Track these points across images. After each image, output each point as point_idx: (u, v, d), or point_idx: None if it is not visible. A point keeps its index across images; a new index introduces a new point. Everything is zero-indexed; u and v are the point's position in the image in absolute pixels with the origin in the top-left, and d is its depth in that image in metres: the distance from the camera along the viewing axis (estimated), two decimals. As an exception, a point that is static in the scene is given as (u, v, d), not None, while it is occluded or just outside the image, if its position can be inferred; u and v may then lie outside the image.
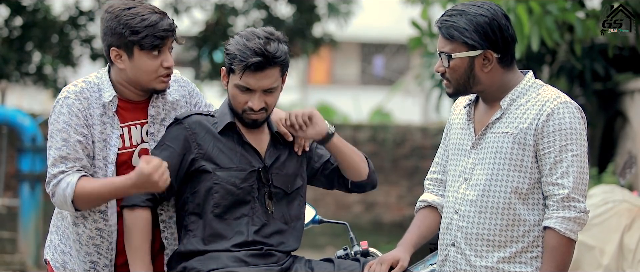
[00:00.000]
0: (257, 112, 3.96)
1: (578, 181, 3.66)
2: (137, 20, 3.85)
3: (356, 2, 14.80)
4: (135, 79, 3.94)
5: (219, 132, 4.00)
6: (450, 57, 3.72)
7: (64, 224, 4.06)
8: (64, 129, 3.89)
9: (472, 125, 3.84)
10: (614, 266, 6.30)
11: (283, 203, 4.07)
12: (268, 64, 3.90)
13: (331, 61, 26.60)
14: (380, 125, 15.06)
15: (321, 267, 4.04)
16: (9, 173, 12.42)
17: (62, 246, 4.06)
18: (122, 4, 3.91)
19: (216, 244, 3.96)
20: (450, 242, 3.83)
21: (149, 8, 3.91)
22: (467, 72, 3.73)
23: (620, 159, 10.00)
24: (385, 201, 14.39)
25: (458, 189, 3.82)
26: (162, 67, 3.92)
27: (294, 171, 4.11)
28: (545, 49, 9.57)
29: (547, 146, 3.67)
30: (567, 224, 3.65)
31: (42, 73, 13.28)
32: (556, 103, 3.69)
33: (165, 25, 3.89)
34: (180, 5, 14.18)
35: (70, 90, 3.94)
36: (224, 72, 4.01)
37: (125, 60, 3.91)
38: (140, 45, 3.87)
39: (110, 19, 3.89)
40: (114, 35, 3.89)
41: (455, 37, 3.70)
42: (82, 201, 3.84)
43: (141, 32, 3.85)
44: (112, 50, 3.92)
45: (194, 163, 3.97)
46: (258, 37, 3.91)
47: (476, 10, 3.71)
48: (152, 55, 3.90)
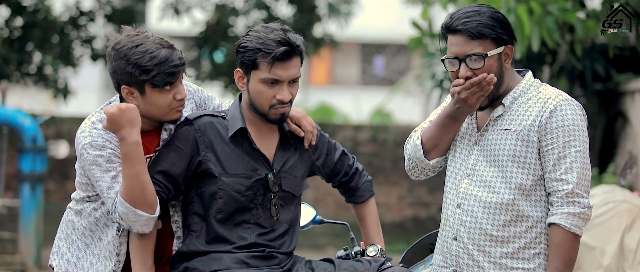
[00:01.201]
0: (286, 104, 3.94)
1: (581, 177, 3.68)
2: (147, 58, 3.80)
3: (356, 2, 14.80)
4: (149, 114, 3.90)
5: (229, 137, 3.98)
6: (485, 56, 3.69)
7: (76, 234, 4.04)
8: (108, 168, 3.84)
9: (474, 122, 3.85)
10: (615, 266, 6.30)
11: (289, 206, 4.07)
12: (293, 52, 3.90)
13: (332, 61, 26.60)
14: (380, 126, 15.06)
15: (321, 268, 4.04)
16: (9, 173, 12.41)
17: (69, 255, 4.04)
18: (128, 41, 3.84)
19: (218, 245, 3.95)
20: (452, 236, 3.83)
21: (157, 42, 3.85)
22: (500, 70, 3.73)
23: (621, 160, 10.00)
24: (385, 202, 14.38)
25: (459, 184, 3.83)
26: (175, 100, 3.89)
27: (303, 173, 4.12)
28: (546, 50, 9.57)
29: (550, 142, 3.69)
30: (572, 219, 3.65)
31: (42, 73, 13.28)
32: (558, 100, 3.72)
33: (175, 59, 3.84)
34: (180, 5, 14.18)
35: (93, 134, 3.88)
36: (240, 73, 3.97)
37: (137, 97, 3.87)
38: (153, 84, 3.83)
39: (118, 57, 3.84)
40: (123, 74, 3.84)
41: (487, 35, 3.68)
42: (130, 198, 3.80)
43: (152, 71, 3.81)
44: (123, 88, 3.87)
45: (201, 165, 3.96)
46: (276, 30, 3.91)
47: (488, 9, 3.73)
48: (165, 91, 3.86)
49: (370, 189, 4.32)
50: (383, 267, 4.00)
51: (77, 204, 4.04)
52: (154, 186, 3.86)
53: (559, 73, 10.08)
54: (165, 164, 3.92)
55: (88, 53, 13.55)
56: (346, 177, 4.27)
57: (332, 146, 4.23)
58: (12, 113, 11.08)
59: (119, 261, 3.96)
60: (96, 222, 3.98)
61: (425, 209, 14.47)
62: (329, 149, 4.21)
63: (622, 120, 10.47)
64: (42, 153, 10.74)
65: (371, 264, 4.02)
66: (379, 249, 4.24)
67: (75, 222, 4.02)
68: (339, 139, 14.05)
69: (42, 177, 10.74)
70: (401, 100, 21.68)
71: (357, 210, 4.33)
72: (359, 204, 4.32)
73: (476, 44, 3.69)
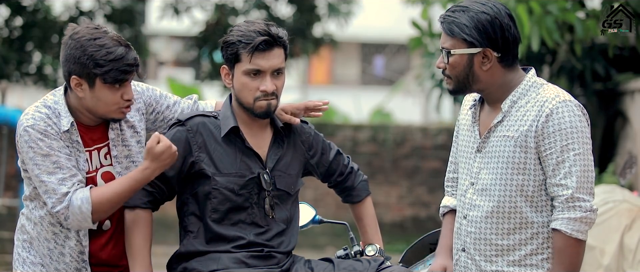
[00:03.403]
0: (269, 96, 3.95)
1: (582, 180, 3.63)
2: (103, 52, 3.80)
3: (356, 2, 14.80)
4: (94, 109, 3.89)
5: (222, 136, 3.98)
6: (449, 53, 3.73)
7: (31, 237, 4.01)
8: (48, 153, 3.83)
9: (477, 127, 3.83)
10: (615, 266, 6.30)
11: (284, 205, 4.07)
12: (274, 42, 3.92)
13: (331, 61, 26.60)
14: (380, 126, 15.06)
15: (321, 267, 4.03)
16: (9, 173, 12.42)
17: (32, 257, 4.02)
18: (87, 33, 3.83)
19: (216, 245, 3.95)
20: (461, 248, 3.82)
21: (115, 40, 3.84)
22: (466, 70, 3.72)
23: (621, 159, 10.00)
24: (385, 201, 14.38)
25: (465, 193, 3.81)
26: (123, 99, 3.88)
27: (297, 171, 4.11)
28: (546, 49, 9.58)
29: (548, 147, 3.65)
30: (573, 224, 3.61)
31: (42, 73, 13.28)
32: (554, 103, 3.66)
33: (130, 59, 3.83)
34: (180, 5, 14.18)
35: (36, 117, 3.87)
36: (226, 69, 4.00)
37: (86, 89, 3.85)
38: (104, 79, 3.82)
39: (75, 47, 3.82)
40: (76, 64, 3.82)
41: (455, 33, 3.70)
42: (101, 210, 3.82)
43: (105, 66, 3.80)
44: (72, 78, 3.85)
45: (194, 166, 3.96)
46: (257, 23, 3.95)
47: (479, 8, 3.70)
48: (114, 88, 3.85)
49: (367, 189, 4.32)
50: (382, 266, 4.00)
51: (26, 207, 4.04)
52: (147, 187, 3.90)
53: (559, 73, 10.09)
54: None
55: (88, 53, 13.52)
56: (342, 177, 4.27)
57: (327, 146, 4.24)
58: (12, 113, 11.09)
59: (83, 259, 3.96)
60: (41, 222, 3.97)
61: (425, 208, 14.46)
62: (323, 148, 4.22)
63: (622, 120, 10.47)
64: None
65: (370, 263, 4.02)
66: (378, 249, 4.24)
67: (25, 225, 4.03)
68: (338, 139, 14.05)
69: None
70: (401, 100, 21.69)
71: (354, 210, 4.33)
72: (355, 203, 4.32)
73: (448, 39, 3.73)
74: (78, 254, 3.96)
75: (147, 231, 3.94)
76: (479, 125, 3.83)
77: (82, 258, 3.96)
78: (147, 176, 3.82)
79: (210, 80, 14.67)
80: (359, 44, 26.24)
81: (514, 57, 3.76)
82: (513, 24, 3.73)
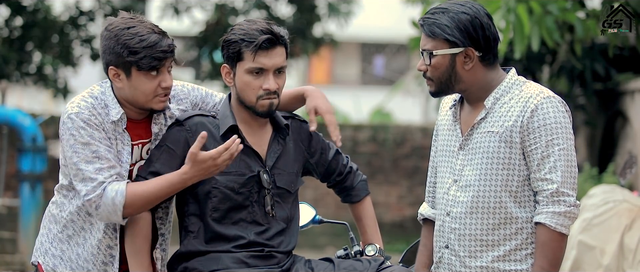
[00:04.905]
0: (272, 94, 3.95)
1: (566, 175, 3.67)
2: (136, 40, 3.81)
3: (356, 2, 14.81)
4: (133, 99, 3.90)
5: (220, 135, 3.99)
6: (431, 55, 3.74)
7: (57, 227, 4.01)
8: (89, 141, 3.83)
9: (458, 126, 3.85)
10: (615, 266, 6.31)
11: (285, 203, 4.07)
12: (277, 41, 3.93)
13: (331, 61, 26.61)
14: (380, 126, 15.06)
15: (321, 267, 4.04)
16: (9, 173, 12.42)
17: (53, 249, 4.02)
18: (121, 23, 3.86)
19: (217, 245, 3.96)
20: (444, 245, 3.83)
21: (149, 27, 3.86)
22: (449, 70, 3.75)
23: (621, 159, 10.01)
24: (385, 201, 14.39)
25: (448, 191, 3.82)
26: (160, 88, 3.89)
27: (297, 170, 4.12)
28: (546, 49, 9.57)
29: (533, 141, 3.68)
30: (557, 218, 3.65)
31: (42, 73, 13.29)
32: (539, 98, 3.70)
33: (164, 46, 3.84)
34: (180, 5, 14.19)
35: (82, 105, 3.88)
36: (227, 68, 4.00)
37: (123, 79, 3.87)
38: (138, 66, 3.83)
39: (109, 37, 3.85)
40: (112, 54, 3.85)
41: (437, 34, 3.73)
42: (134, 205, 3.81)
43: (139, 53, 3.81)
44: (110, 69, 3.88)
45: (193, 165, 3.96)
46: (259, 21, 3.97)
47: (458, 8, 3.74)
48: (150, 76, 3.86)
49: (366, 188, 4.33)
50: (382, 266, 4.01)
51: (59, 195, 4.02)
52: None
53: (559, 73, 10.09)
54: (157, 165, 3.93)
55: (88, 53, 13.56)
56: (341, 177, 4.28)
57: (327, 145, 4.24)
58: (12, 113, 11.09)
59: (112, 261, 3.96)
60: (78, 212, 3.97)
61: (425, 208, 14.46)
62: (323, 147, 4.22)
63: (622, 120, 10.48)
64: (42, 153, 10.75)
65: (371, 263, 4.03)
66: (378, 248, 4.24)
67: (56, 214, 4.01)
68: (338, 139, 14.04)
69: (42, 177, 10.74)
70: (401, 100, 21.69)
71: (353, 210, 4.34)
72: (355, 203, 4.32)
73: (429, 41, 3.75)
74: (106, 248, 3.95)
75: (147, 232, 3.94)
76: (461, 124, 3.85)
77: (110, 253, 3.95)
78: (184, 181, 3.81)
79: (210, 80, 14.67)
80: (359, 44, 26.24)
81: (495, 56, 3.81)
82: (492, 23, 3.78)
